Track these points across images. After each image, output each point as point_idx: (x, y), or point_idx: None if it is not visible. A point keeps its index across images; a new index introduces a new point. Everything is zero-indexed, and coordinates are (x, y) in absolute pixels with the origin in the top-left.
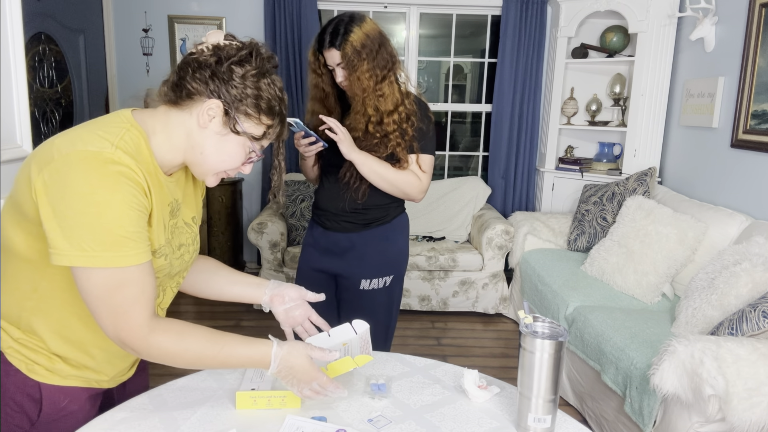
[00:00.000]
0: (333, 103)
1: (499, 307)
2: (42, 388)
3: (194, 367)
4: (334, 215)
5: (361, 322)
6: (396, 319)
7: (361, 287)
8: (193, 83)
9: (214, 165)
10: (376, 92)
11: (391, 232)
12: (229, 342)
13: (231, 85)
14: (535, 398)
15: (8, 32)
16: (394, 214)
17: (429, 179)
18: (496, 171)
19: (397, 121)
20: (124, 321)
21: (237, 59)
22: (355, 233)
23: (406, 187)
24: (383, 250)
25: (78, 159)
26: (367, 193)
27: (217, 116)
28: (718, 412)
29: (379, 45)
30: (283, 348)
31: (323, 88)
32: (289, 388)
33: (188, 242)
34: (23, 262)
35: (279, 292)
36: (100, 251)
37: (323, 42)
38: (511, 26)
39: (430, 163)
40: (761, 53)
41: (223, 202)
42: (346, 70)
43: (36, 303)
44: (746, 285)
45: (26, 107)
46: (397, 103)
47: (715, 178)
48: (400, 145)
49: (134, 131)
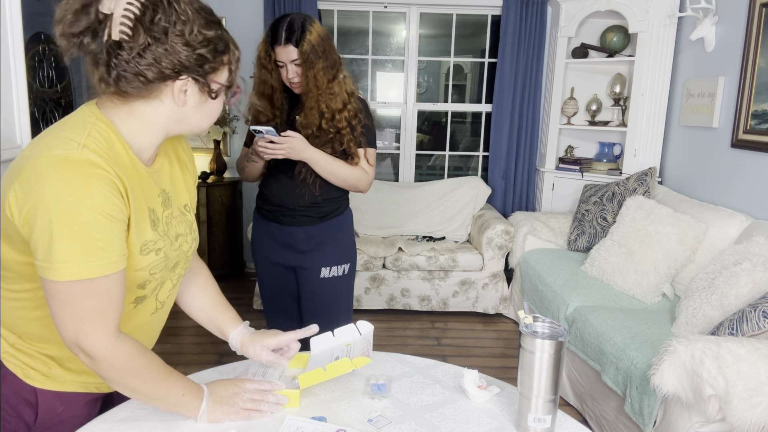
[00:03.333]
0: (280, 99)
1: (499, 307)
2: (38, 393)
3: (143, 386)
4: (291, 210)
5: (366, 323)
6: (352, 307)
7: (321, 275)
8: (146, 72)
9: (204, 125)
10: (327, 90)
11: (343, 223)
12: (175, 372)
13: (177, 51)
14: (535, 398)
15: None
16: (344, 206)
17: (374, 171)
18: (496, 171)
19: (347, 118)
20: (90, 328)
21: (165, 21)
22: (313, 226)
23: (355, 181)
24: (339, 239)
25: (44, 166)
26: (322, 186)
27: (189, 89)
28: (719, 413)
29: (329, 46)
30: (210, 387)
31: (271, 84)
32: (233, 417)
33: (185, 232)
34: (16, 274)
35: (255, 352)
36: (66, 261)
37: (278, 38)
38: (511, 26)
39: (375, 156)
40: (761, 53)
41: (223, 202)
42: (301, 67)
43: (32, 311)
44: (746, 285)
45: (26, 107)
46: (345, 102)
47: (715, 178)
48: (353, 140)
49: (101, 124)
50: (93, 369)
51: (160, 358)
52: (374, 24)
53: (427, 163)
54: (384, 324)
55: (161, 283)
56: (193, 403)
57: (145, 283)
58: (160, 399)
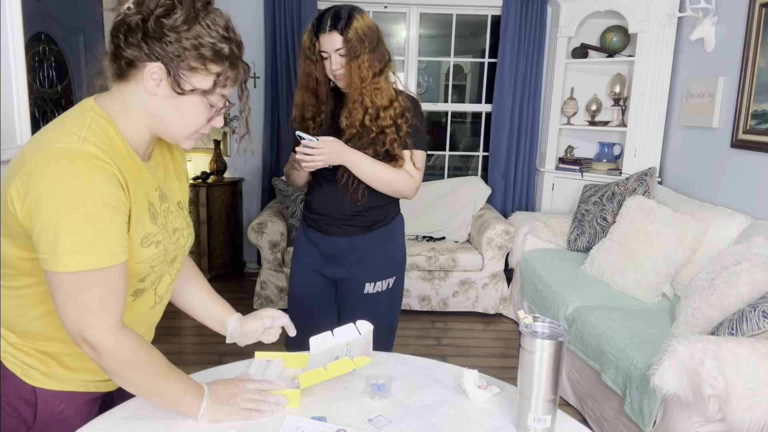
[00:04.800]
0: (325, 94)
1: (499, 307)
2: (37, 392)
3: (144, 381)
4: (334, 219)
5: (365, 323)
6: (398, 321)
7: (365, 291)
8: (128, 50)
9: (179, 129)
10: (373, 84)
11: (391, 233)
12: (177, 370)
13: (165, 41)
14: (535, 398)
15: (8, 32)
16: (393, 214)
17: (421, 176)
18: (496, 171)
19: (392, 116)
20: (93, 319)
21: (162, 11)
22: (358, 236)
23: (399, 186)
24: (385, 251)
25: (46, 159)
26: (366, 194)
27: (162, 79)
28: (718, 412)
29: (378, 39)
30: (211, 387)
31: (316, 77)
32: (233, 416)
33: (182, 226)
34: (16, 271)
35: (254, 324)
36: (71, 252)
37: (323, 25)
38: (511, 26)
39: (423, 159)
40: (761, 53)
41: (223, 202)
42: (346, 57)
43: (33, 308)
44: (746, 285)
45: (26, 107)
46: (392, 99)
47: (715, 178)
48: (396, 141)
49: (99, 119)
50: (97, 362)
51: (162, 355)
52: None
53: (427, 163)
54: None
55: (160, 277)
56: (194, 402)
57: (145, 276)
58: (161, 396)
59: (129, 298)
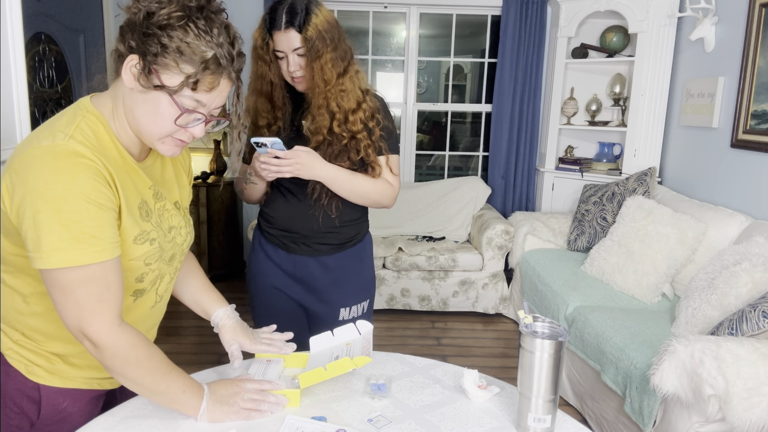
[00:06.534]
0: (281, 98)
1: (499, 307)
2: (41, 389)
3: (144, 378)
4: (303, 237)
5: (366, 322)
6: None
7: (340, 317)
8: (121, 44)
9: (148, 128)
10: (338, 86)
11: (363, 252)
12: (177, 368)
13: (148, 35)
14: (535, 398)
15: (8, 32)
16: (364, 231)
17: (399, 182)
18: (496, 171)
19: (362, 119)
20: (92, 315)
21: (156, 6)
22: (329, 256)
23: (379, 197)
24: (359, 273)
25: (32, 157)
26: (341, 206)
27: (138, 71)
28: (718, 412)
29: (339, 34)
30: (211, 386)
31: (270, 80)
32: (233, 416)
33: (179, 225)
34: (16, 268)
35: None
36: (56, 249)
37: (277, 22)
38: (511, 26)
39: (398, 163)
40: (761, 53)
41: (223, 202)
42: (306, 58)
43: (32, 306)
44: (746, 285)
45: (26, 107)
46: (359, 100)
47: (715, 178)
48: (371, 146)
49: (91, 117)
50: (97, 358)
51: (162, 353)
52: (374, 24)
53: (427, 163)
54: (384, 324)
55: (160, 276)
56: (193, 401)
57: (142, 275)
58: (161, 393)
59: (129, 299)
